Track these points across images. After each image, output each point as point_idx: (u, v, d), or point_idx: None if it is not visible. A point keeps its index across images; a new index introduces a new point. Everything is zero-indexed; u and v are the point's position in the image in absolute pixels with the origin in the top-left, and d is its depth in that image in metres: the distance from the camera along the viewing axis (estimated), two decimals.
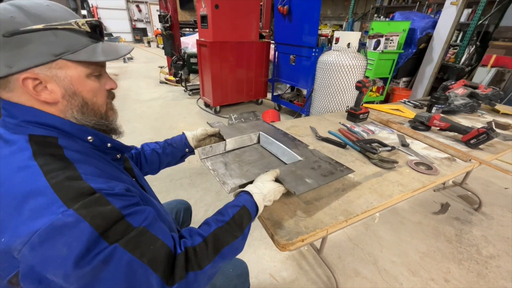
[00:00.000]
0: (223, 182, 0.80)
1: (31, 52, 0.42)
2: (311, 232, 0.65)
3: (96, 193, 0.41)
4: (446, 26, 3.62)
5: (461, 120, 1.54)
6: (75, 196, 0.39)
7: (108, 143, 0.55)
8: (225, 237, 0.54)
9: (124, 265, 0.40)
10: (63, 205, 0.38)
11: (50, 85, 0.45)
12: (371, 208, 0.75)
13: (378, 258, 1.45)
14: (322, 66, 2.13)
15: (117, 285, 0.40)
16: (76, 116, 0.50)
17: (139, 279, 0.42)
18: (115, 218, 0.41)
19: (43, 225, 0.36)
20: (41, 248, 0.36)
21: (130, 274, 0.41)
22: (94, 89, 0.51)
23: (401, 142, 1.19)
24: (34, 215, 0.37)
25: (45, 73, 0.44)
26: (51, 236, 0.36)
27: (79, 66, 0.47)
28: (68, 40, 0.45)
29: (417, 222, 1.74)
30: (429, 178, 0.92)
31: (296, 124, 1.37)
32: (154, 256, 0.43)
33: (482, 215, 1.83)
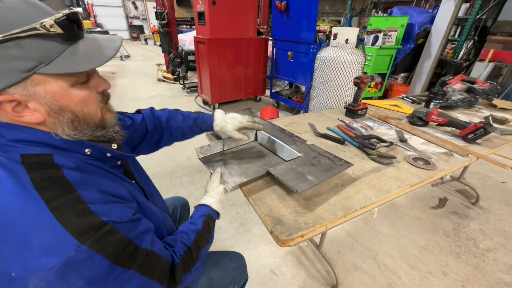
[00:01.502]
0: (223, 181, 0.80)
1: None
2: (310, 228, 0.65)
3: (106, 225, 0.41)
4: (444, 20, 3.61)
5: (459, 115, 1.55)
6: (86, 231, 0.38)
7: (107, 153, 0.52)
8: (201, 243, 0.63)
9: (136, 286, 0.45)
10: (74, 241, 0.37)
11: (31, 103, 0.39)
12: (370, 204, 0.75)
13: (377, 253, 1.47)
14: (320, 62, 2.13)
15: None
16: (68, 133, 0.44)
17: None
18: (125, 244, 0.43)
19: (58, 263, 0.36)
20: (58, 282, 0.36)
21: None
22: (82, 99, 0.44)
23: (399, 138, 1.19)
24: (45, 251, 0.36)
25: (21, 93, 0.37)
26: (67, 272, 0.37)
27: (59, 78, 0.40)
28: (38, 49, 0.37)
29: (415, 217, 1.75)
30: (427, 173, 0.92)
31: (295, 120, 1.38)
32: (161, 273, 0.49)
33: (480, 209, 1.85)
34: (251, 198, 0.76)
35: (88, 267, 0.38)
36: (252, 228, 1.62)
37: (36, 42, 0.37)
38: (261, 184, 0.83)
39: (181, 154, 2.46)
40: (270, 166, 0.89)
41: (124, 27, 14.40)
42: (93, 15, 13.08)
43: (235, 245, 1.49)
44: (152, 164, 2.30)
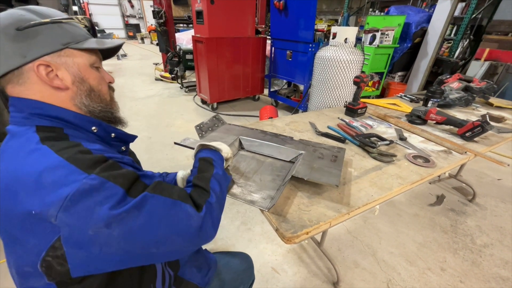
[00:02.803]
0: (251, 201, 0.73)
1: (41, 42, 0.47)
2: (315, 225, 0.66)
3: (109, 160, 0.46)
4: (440, 20, 3.65)
5: (456, 114, 1.57)
6: (91, 164, 0.43)
7: (112, 133, 0.58)
8: (204, 176, 0.60)
9: (158, 207, 0.44)
10: (83, 173, 0.41)
11: (61, 72, 0.50)
12: (372, 201, 0.77)
13: (376, 250, 1.49)
14: (319, 62, 2.14)
15: (159, 227, 0.43)
16: (84, 101, 0.53)
17: (176, 213, 0.46)
18: (134, 178, 0.46)
19: (71, 190, 0.39)
20: (76, 209, 0.39)
21: (166, 213, 0.45)
22: (98, 78, 0.56)
23: (399, 136, 1.21)
24: (58, 185, 0.39)
25: (56, 60, 0.49)
26: (82, 198, 0.39)
27: (84, 55, 0.52)
28: (72, 32, 0.51)
29: (413, 214, 1.78)
30: (426, 170, 0.94)
31: (296, 119, 1.39)
32: (179, 194, 0.49)
33: (476, 205, 1.89)
34: None
35: (102, 193, 0.40)
36: (253, 227, 1.63)
37: (71, 27, 0.51)
38: None
39: (180, 153, 2.46)
40: (277, 170, 0.89)
41: (120, 26, 14.27)
42: (89, 13, 12.94)
43: (236, 244, 1.50)
44: (152, 164, 2.30)
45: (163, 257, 0.48)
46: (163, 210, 0.45)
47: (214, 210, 0.53)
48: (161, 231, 0.44)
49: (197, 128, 1.07)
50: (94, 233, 0.39)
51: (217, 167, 0.65)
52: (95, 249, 0.40)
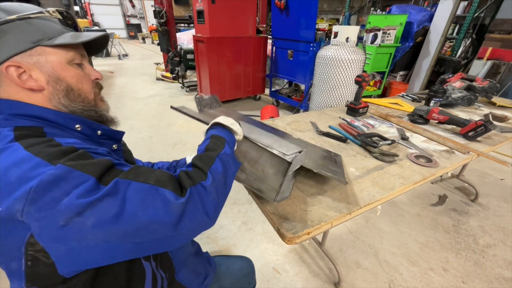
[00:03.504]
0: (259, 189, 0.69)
1: (9, 42, 0.44)
2: (316, 225, 0.66)
3: (79, 150, 0.42)
4: (442, 19, 3.63)
5: (459, 113, 1.56)
6: (58, 155, 0.40)
7: (97, 130, 0.54)
8: (208, 155, 0.55)
9: (132, 193, 0.41)
10: (49, 164, 0.38)
11: (34, 73, 0.47)
12: (374, 201, 0.76)
13: (378, 250, 1.48)
14: (321, 61, 2.13)
15: (135, 214, 0.40)
16: (63, 102, 0.50)
17: (152, 199, 0.42)
18: (107, 165, 0.42)
19: (35, 183, 0.36)
20: (41, 201, 0.36)
21: (141, 199, 0.41)
22: (77, 76, 0.52)
23: (401, 136, 1.20)
24: (23, 179, 0.37)
25: (27, 60, 0.46)
26: (47, 189, 0.37)
27: (58, 51, 0.48)
28: (43, 27, 0.48)
29: (416, 214, 1.77)
30: (429, 170, 0.93)
31: (297, 119, 1.38)
32: (158, 179, 0.44)
33: (479, 205, 1.87)
34: (256, 196, 0.77)
35: (69, 183, 0.38)
36: (254, 227, 1.62)
37: (42, 22, 0.48)
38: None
39: (181, 153, 2.47)
40: (278, 165, 0.85)
41: (121, 26, 14.31)
42: (90, 13, 12.98)
43: (237, 244, 1.50)
44: None
45: (151, 248, 0.44)
46: (137, 196, 0.41)
47: (207, 194, 0.47)
48: (138, 219, 0.40)
49: (196, 100, 0.99)
50: (66, 224, 0.36)
51: (227, 148, 0.60)
52: (73, 242, 0.38)
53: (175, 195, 0.44)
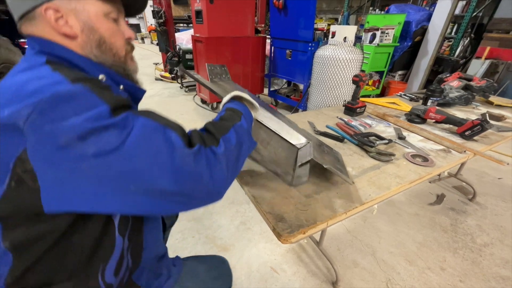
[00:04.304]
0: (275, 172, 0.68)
1: None
2: (311, 225, 0.66)
3: (103, 83, 0.44)
4: (441, 18, 3.63)
5: (456, 112, 1.56)
6: (82, 78, 0.40)
7: (121, 84, 0.53)
8: (223, 124, 0.54)
9: (140, 128, 0.40)
10: (70, 83, 0.38)
11: (70, 19, 0.47)
12: (370, 200, 0.76)
13: (376, 249, 1.48)
14: (319, 61, 2.13)
15: (137, 152, 0.38)
16: (94, 52, 0.50)
17: (156, 138, 0.40)
18: (124, 102, 0.42)
19: (50, 93, 0.36)
20: (50, 113, 0.35)
21: (147, 136, 0.40)
22: (111, 29, 0.52)
23: (398, 135, 1.20)
24: (39, 90, 0.36)
25: (66, 6, 0.46)
26: (60, 102, 0.36)
27: (96, 2, 0.49)
28: None
29: (413, 213, 1.77)
30: (425, 169, 0.94)
31: (295, 119, 1.38)
32: (168, 122, 0.44)
33: (477, 205, 1.88)
34: (253, 196, 0.77)
35: (82, 103, 0.37)
36: (253, 226, 1.62)
37: None
38: (263, 181, 0.84)
39: None
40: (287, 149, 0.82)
41: None
42: None
43: (235, 243, 1.50)
44: None
45: (141, 205, 0.40)
46: (143, 131, 0.39)
47: (216, 161, 0.45)
48: (138, 156, 0.38)
49: (208, 68, 0.94)
50: (66, 146, 0.35)
51: (243, 121, 0.57)
52: (65, 170, 0.36)
53: (183, 142, 0.42)
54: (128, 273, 0.58)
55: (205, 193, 0.44)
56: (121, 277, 0.56)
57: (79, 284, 0.48)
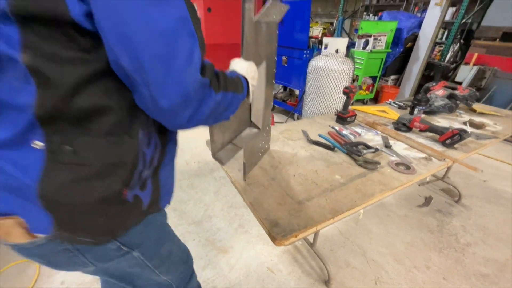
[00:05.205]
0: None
1: None
2: (302, 229, 0.75)
3: None
4: (431, 25, 3.77)
5: (441, 120, 1.67)
6: None
7: None
8: (231, 83, 0.58)
9: (178, 11, 0.40)
10: None
11: None
12: (355, 206, 0.85)
13: (367, 250, 1.57)
14: (312, 71, 2.23)
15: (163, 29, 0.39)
16: None
17: (183, 44, 0.41)
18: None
19: None
20: None
21: (178, 30, 0.40)
22: None
23: (385, 144, 1.30)
24: None
25: None
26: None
27: None
28: None
29: (403, 215, 1.87)
30: (407, 177, 1.03)
31: (289, 128, 1.47)
32: (201, 40, 0.46)
33: (462, 206, 1.98)
34: (250, 203, 0.85)
35: None
36: (250, 229, 1.71)
37: None
38: (259, 189, 0.92)
39: (179, 157, 2.54)
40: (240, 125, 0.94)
41: None
42: None
43: (234, 245, 1.58)
44: None
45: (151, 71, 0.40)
46: (179, 24, 0.40)
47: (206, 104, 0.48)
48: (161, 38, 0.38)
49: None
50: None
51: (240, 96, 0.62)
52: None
53: (199, 66, 0.45)
54: (157, 155, 0.59)
55: (177, 117, 0.46)
56: (152, 153, 0.56)
57: (122, 140, 0.47)
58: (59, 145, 0.42)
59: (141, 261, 0.64)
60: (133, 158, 0.50)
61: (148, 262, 0.66)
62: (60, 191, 0.44)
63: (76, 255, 0.53)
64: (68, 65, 0.39)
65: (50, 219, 0.44)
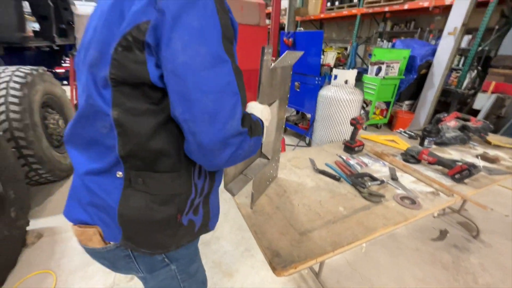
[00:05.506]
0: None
1: None
2: (302, 261, 0.78)
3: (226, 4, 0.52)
4: (445, 53, 3.79)
5: (453, 152, 1.65)
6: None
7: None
8: (258, 128, 0.66)
9: (226, 73, 0.49)
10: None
11: None
12: (356, 240, 0.87)
13: (374, 283, 1.53)
14: (322, 100, 2.32)
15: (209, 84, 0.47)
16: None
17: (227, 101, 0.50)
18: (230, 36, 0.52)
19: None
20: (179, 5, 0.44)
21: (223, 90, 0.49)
22: None
23: (391, 176, 1.31)
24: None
25: None
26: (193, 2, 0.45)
27: None
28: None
29: (415, 248, 1.80)
30: (411, 212, 1.03)
31: (298, 155, 1.52)
32: (243, 96, 0.54)
33: (481, 242, 1.88)
34: (255, 232, 0.90)
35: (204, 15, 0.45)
36: (256, 254, 1.72)
37: None
38: (264, 217, 0.97)
39: None
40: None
41: None
42: None
43: (239, 269, 1.59)
44: None
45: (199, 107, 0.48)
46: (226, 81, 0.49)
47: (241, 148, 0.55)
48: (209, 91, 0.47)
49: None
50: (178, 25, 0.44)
51: (260, 137, 0.67)
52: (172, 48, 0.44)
53: (240, 118, 0.53)
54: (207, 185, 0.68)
55: (216, 158, 0.53)
56: (202, 183, 0.66)
57: (179, 176, 0.59)
58: (134, 178, 0.56)
59: (174, 273, 0.74)
60: (187, 189, 0.62)
61: (179, 275, 0.75)
62: (132, 211, 0.57)
63: (133, 261, 0.66)
64: (142, 116, 0.51)
65: (120, 231, 0.58)
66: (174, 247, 0.65)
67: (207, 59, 0.46)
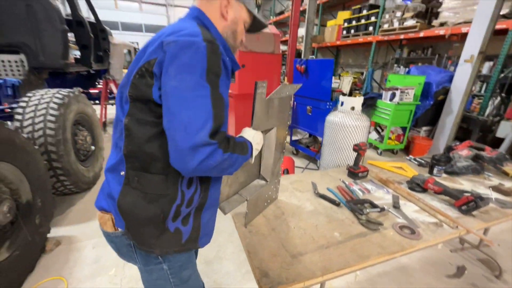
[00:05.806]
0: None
1: None
2: (290, 283, 0.80)
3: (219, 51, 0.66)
4: (463, 80, 3.72)
5: (464, 182, 1.60)
6: (209, 39, 0.64)
7: (230, 56, 0.77)
8: (238, 147, 0.74)
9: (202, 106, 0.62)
10: (203, 41, 0.63)
11: (230, 9, 0.78)
12: (347, 267, 0.88)
13: None
14: (329, 125, 2.37)
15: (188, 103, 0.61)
16: (228, 33, 0.80)
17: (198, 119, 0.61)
18: (217, 69, 0.65)
19: (188, 39, 0.62)
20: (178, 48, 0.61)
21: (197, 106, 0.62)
22: (241, 31, 0.83)
23: (393, 204, 1.30)
24: (182, 34, 0.63)
25: (234, 2, 0.77)
26: (188, 45, 0.61)
27: (247, 14, 0.81)
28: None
29: (427, 285, 1.69)
30: (410, 242, 1.02)
31: (301, 179, 1.56)
32: (222, 116, 0.66)
33: (504, 283, 1.72)
34: (248, 251, 0.94)
35: (197, 53, 0.61)
36: (248, 273, 1.70)
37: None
38: (258, 238, 1.00)
39: None
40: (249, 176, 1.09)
41: None
42: None
43: None
44: None
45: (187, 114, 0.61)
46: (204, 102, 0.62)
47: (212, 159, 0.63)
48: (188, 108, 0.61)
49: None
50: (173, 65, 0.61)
51: (244, 158, 0.77)
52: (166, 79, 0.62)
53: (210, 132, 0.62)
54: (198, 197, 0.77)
55: (188, 162, 0.62)
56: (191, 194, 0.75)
57: (167, 179, 0.71)
58: (132, 177, 0.71)
59: (167, 275, 0.81)
60: (173, 193, 0.72)
61: (171, 278, 0.82)
62: (128, 205, 0.71)
63: (133, 251, 0.77)
64: (145, 125, 0.68)
65: (123, 222, 0.72)
66: (158, 250, 0.74)
67: (190, 84, 0.61)
